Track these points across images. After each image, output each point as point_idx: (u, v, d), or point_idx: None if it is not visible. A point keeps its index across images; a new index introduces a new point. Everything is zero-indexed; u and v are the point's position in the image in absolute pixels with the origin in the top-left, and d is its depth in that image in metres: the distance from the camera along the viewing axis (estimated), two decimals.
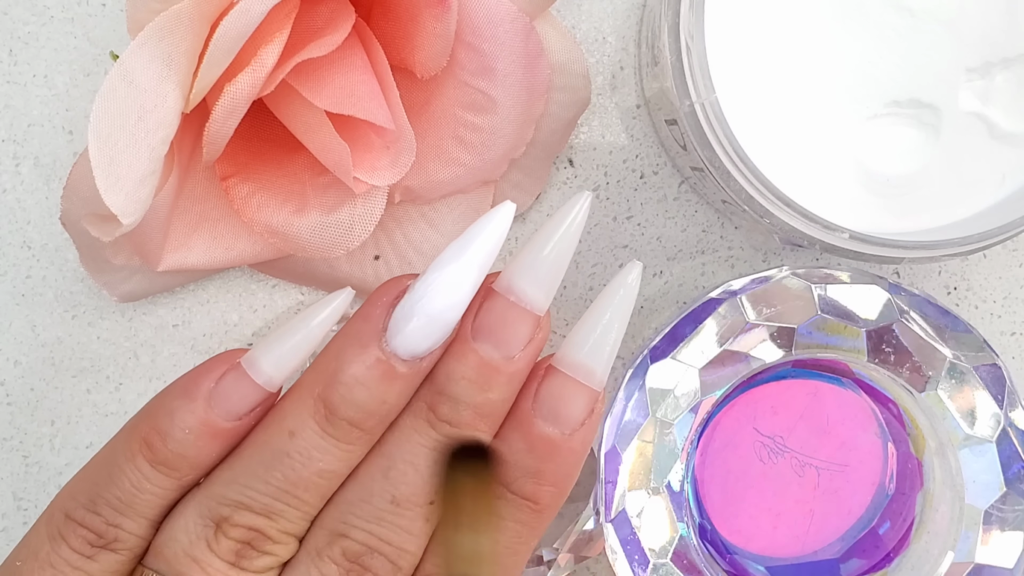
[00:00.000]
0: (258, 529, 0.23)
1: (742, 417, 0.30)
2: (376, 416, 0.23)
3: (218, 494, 0.24)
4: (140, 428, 0.24)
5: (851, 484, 0.30)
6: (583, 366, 0.24)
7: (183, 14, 0.25)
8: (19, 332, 0.33)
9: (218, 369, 0.24)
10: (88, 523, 0.24)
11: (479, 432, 0.23)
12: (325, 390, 0.23)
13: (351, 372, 0.23)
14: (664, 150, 0.34)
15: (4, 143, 0.33)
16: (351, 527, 0.23)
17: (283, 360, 0.24)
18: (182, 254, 0.29)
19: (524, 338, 0.23)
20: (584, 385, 0.24)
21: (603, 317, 0.24)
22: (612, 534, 0.28)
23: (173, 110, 0.25)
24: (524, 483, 0.23)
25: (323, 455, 0.23)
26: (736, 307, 0.28)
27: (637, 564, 0.28)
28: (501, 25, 0.28)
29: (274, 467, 0.23)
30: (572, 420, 0.24)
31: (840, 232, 0.27)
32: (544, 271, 0.23)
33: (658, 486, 0.28)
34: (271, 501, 0.23)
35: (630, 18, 0.34)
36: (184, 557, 0.23)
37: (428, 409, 0.23)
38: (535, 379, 0.24)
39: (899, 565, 0.30)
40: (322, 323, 0.24)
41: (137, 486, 0.24)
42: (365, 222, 0.29)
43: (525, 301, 0.23)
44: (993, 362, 0.28)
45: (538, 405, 0.24)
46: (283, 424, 0.23)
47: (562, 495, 0.24)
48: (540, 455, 0.23)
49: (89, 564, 0.24)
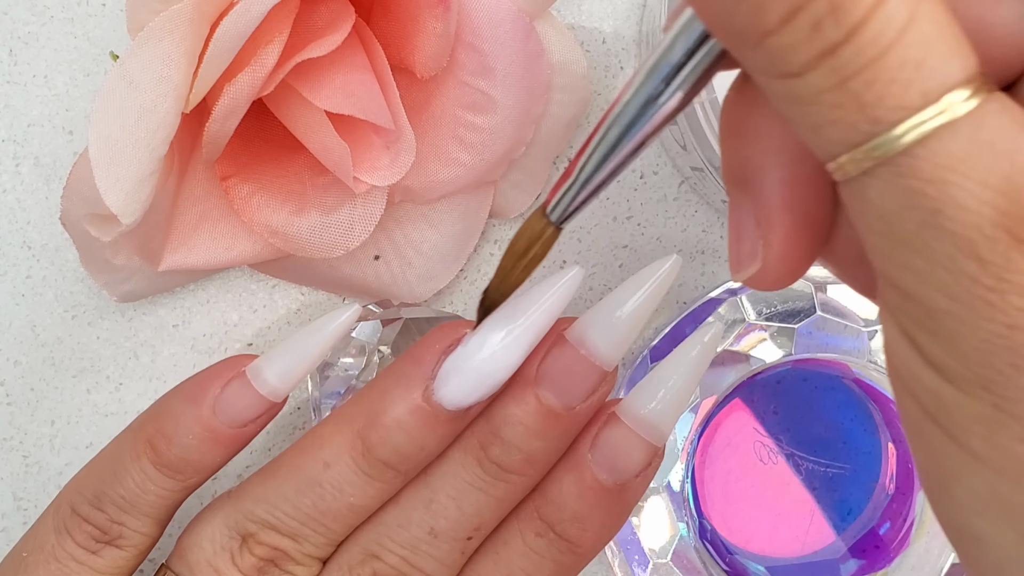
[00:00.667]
0: (282, 549, 0.23)
1: (742, 417, 0.30)
2: (413, 460, 0.23)
3: (247, 509, 0.24)
4: (146, 429, 0.24)
5: (851, 484, 0.30)
6: (647, 422, 0.23)
7: (183, 14, 0.25)
8: (19, 332, 0.33)
9: (224, 376, 0.24)
10: (93, 519, 0.24)
11: (527, 477, 0.23)
12: (365, 429, 0.23)
13: (393, 415, 0.23)
14: (664, 150, 0.34)
15: (4, 143, 0.33)
16: (386, 550, 0.23)
17: (287, 373, 0.24)
18: (182, 254, 0.29)
19: (588, 391, 0.23)
20: (645, 440, 0.23)
21: (675, 373, 0.23)
22: None
23: (173, 110, 0.25)
24: (569, 526, 0.23)
25: (354, 490, 0.23)
26: (736, 307, 0.28)
27: (637, 564, 0.28)
28: (501, 25, 0.28)
29: (305, 494, 0.23)
30: (628, 472, 0.23)
31: None
32: (620, 329, 0.22)
33: (658, 486, 0.28)
34: (298, 526, 0.23)
35: (630, 18, 0.34)
36: (207, 566, 0.24)
37: (479, 447, 0.23)
38: (596, 424, 0.24)
39: (899, 565, 0.30)
40: (327, 338, 0.24)
41: (141, 486, 0.24)
42: (365, 222, 0.29)
43: (595, 356, 0.23)
44: None
45: (596, 452, 0.23)
46: (320, 453, 0.23)
47: (603, 543, 0.24)
48: (590, 502, 0.23)
49: (93, 559, 0.24)
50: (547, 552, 0.23)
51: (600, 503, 0.23)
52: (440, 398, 0.22)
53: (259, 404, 0.24)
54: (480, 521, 0.23)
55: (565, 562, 0.24)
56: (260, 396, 0.24)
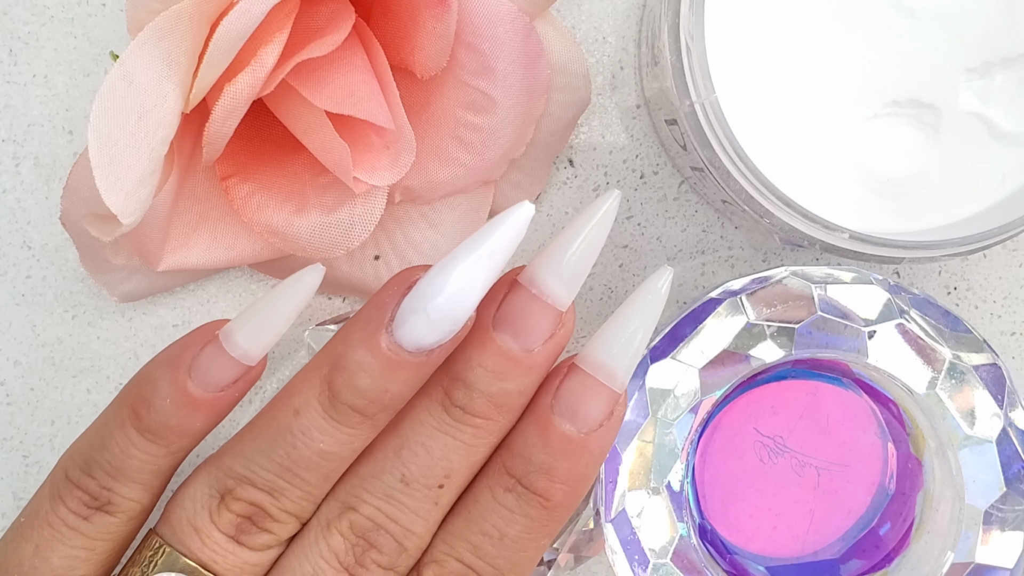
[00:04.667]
0: (259, 505, 0.23)
1: (742, 417, 0.30)
2: (379, 404, 0.23)
3: (226, 465, 0.24)
4: (129, 395, 0.24)
5: (851, 484, 0.30)
6: (605, 366, 0.24)
7: (183, 14, 0.25)
8: (19, 332, 0.33)
9: (200, 341, 0.24)
10: (83, 485, 0.24)
11: (492, 422, 0.23)
12: (330, 372, 0.23)
13: (354, 358, 0.23)
14: (664, 150, 0.34)
15: (4, 143, 0.33)
16: (361, 501, 0.24)
17: (256, 334, 0.24)
18: (182, 254, 0.29)
19: (544, 332, 0.23)
20: (604, 385, 0.24)
21: (630, 319, 0.24)
22: (612, 534, 0.28)
23: (173, 110, 0.25)
24: (536, 478, 0.24)
25: (324, 436, 0.23)
26: (736, 307, 0.28)
27: (637, 564, 0.28)
28: (501, 25, 0.28)
29: (278, 443, 0.23)
30: (590, 419, 0.24)
31: (840, 232, 0.27)
32: (568, 267, 0.23)
33: (658, 486, 0.28)
34: (273, 478, 0.23)
35: (630, 18, 0.34)
36: (187, 525, 0.24)
37: (443, 393, 0.24)
38: (557, 375, 0.24)
39: (899, 565, 0.30)
40: (293, 298, 0.24)
41: (125, 452, 0.24)
42: (365, 222, 0.29)
43: (547, 295, 0.23)
44: (993, 362, 0.28)
45: (557, 401, 0.24)
46: (290, 401, 0.23)
47: (574, 496, 0.24)
48: (555, 452, 0.23)
49: (84, 525, 0.24)
50: (517, 507, 0.24)
51: (565, 453, 0.23)
52: (399, 339, 0.23)
53: (233, 368, 0.24)
54: (450, 467, 0.24)
55: (537, 516, 0.24)
56: (233, 360, 0.24)
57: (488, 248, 0.22)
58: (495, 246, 0.22)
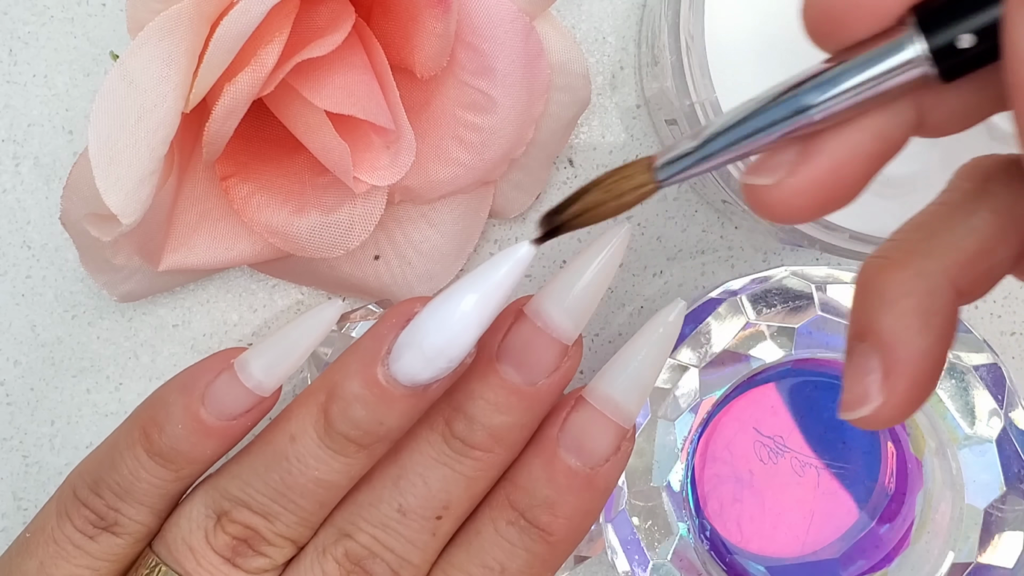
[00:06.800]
0: (254, 528, 0.23)
1: (742, 417, 0.30)
2: (374, 435, 0.23)
3: (222, 487, 0.24)
4: (142, 417, 0.24)
5: (851, 484, 0.30)
6: (612, 400, 0.23)
7: (183, 14, 0.25)
8: (19, 332, 0.33)
9: (216, 368, 0.24)
10: (91, 504, 0.24)
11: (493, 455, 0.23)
12: (327, 401, 0.23)
13: (350, 388, 0.22)
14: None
15: (4, 143, 0.33)
16: (357, 529, 0.23)
17: (272, 366, 0.24)
18: (182, 254, 0.29)
19: (549, 366, 0.23)
20: (612, 421, 0.23)
21: (639, 353, 0.23)
22: (612, 534, 0.28)
23: (173, 110, 0.25)
24: (540, 512, 0.23)
25: (319, 464, 0.23)
26: (736, 307, 0.28)
27: (637, 564, 0.28)
28: (501, 25, 0.28)
29: (273, 468, 0.23)
30: (596, 455, 0.23)
31: (840, 232, 0.27)
32: (575, 300, 0.22)
33: (658, 486, 0.28)
34: (268, 502, 0.23)
35: (630, 18, 0.34)
36: (182, 544, 0.24)
37: (444, 424, 0.23)
38: (564, 407, 0.24)
39: (899, 565, 0.30)
40: (311, 332, 0.24)
41: (135, 474, 0.24)
42: (365, 222, 0.29)
43: (552, 328, 0.23)
44: (993, 362, 0.28)
45: (563, 434, 0.23)
46: (287, 426, 0.23)
47: (578, 531, 0.24)
48: (559, 486, 0.23)
49: (89, 544, 0.24)
50: (519, 541, 0.23)
51: (570, 488, 0.23)
52: (394, 373, 0.22)
53: (247, 398, 0.24)
54: (448, 499, 0.23)
55: (539, 551, 0.23)
56: (247, 390, 0.24)
57: (488, 289, 0.22)
58: (495, 288, 0.22)
